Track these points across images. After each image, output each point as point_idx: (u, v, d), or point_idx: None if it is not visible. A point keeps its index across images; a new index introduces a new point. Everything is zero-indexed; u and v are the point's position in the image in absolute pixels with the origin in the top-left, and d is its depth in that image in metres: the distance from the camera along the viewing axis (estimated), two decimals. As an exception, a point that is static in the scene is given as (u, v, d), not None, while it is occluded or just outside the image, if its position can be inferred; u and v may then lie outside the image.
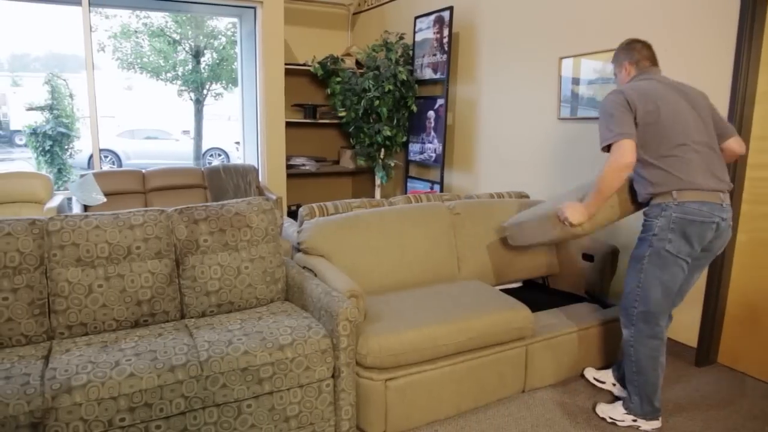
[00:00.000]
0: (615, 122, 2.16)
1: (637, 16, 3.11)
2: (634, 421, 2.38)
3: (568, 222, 2.34)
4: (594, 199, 2.26)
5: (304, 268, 2.68)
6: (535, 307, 2.91)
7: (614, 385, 2.67)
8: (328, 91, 5.42)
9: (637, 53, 2.36)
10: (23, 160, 8.40)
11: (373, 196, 5.62)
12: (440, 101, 4.60)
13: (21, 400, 1.71)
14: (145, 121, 10.41)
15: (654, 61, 2.36)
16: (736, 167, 2.77)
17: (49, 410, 1.74)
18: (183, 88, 9.72)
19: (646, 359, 2.29)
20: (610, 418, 2.44)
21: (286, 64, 5.34)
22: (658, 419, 2.37)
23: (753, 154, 2.77)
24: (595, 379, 2.73)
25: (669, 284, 2.21)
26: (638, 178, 2.28)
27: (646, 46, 2.36)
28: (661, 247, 2.17)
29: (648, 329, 2.28)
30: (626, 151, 2.12)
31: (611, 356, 2.96)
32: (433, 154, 4.73)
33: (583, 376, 2.81)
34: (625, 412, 2.41)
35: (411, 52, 4.96)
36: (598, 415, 2.48)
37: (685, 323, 3.02)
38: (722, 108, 2.75)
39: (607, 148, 2.19)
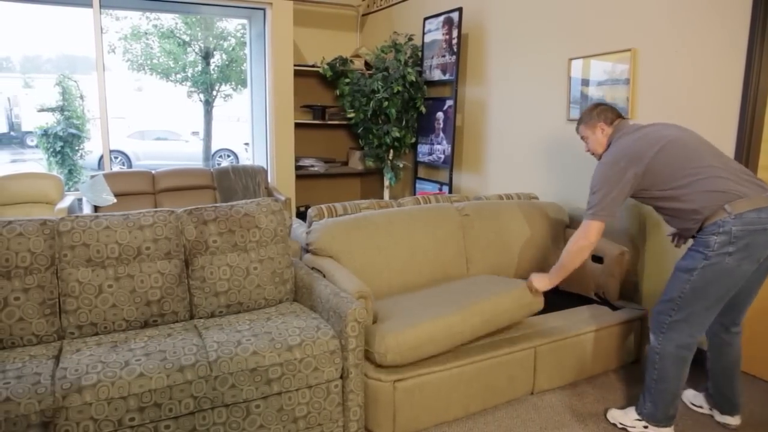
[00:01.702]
0: (597, 196, 2.27)
1: (647, 17, 3.09)
2: (645, 427, 2.34)
3: (534, 289, 2.55)
4: (558, 272, 2.46)
5: (312, 269, 2.68)
6: (543, 309, 2.89)
7: (712, 409, 2.51)
8: (337, 92, 5.42)
9: (608, 113, 2.45)
10: (34, 161, 8.47)
11: (382, 198, 5.62)
12: (449, 102, 4.60)
13: (32, 399, 1.72)
14: (155, 122, 10.46)
15: (621, 116, 2.46)
16: (747, 168, 2.74)
17: (60, 409, 1.75)
18: (193, 89, 9.76)
19: (672, 368, 2.23)
20: (621, 424, 2.41)
21: (295, 65, 5.35)
22: (670, 426, 2.33)
23: (764, 156, 2.75)
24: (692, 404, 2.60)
25: (716, 298, 2.13)
26: (676, 214, 2.21)
27: (610, 107, 2.48)
28: (719, 261, 2.08)
29: (680, 339, 2.20)
30: (591, 233, 2.30)
31: (620, 358, 2.94)
32: (442, 156, 4.72)
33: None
34: (637, 418, 2.37)
35: (420, 54, 4.95)
36: (609, 421, 2.46)
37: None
38: (733, 109, 2.73)
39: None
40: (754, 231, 2.04)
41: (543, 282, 2.52)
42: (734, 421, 2.41)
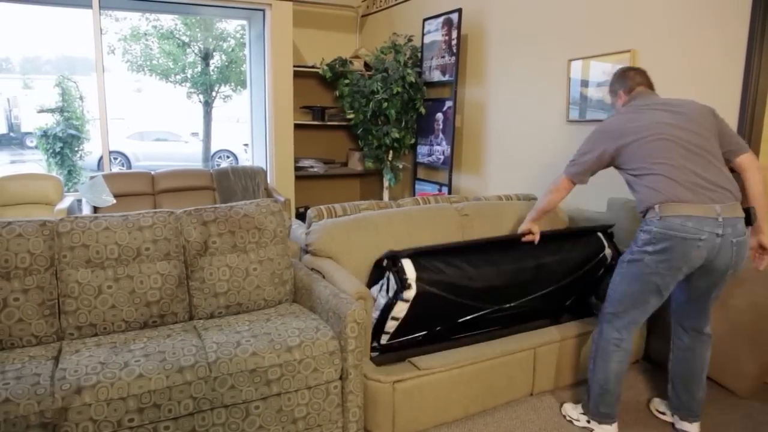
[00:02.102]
0: (576, 154, 2.37)
1: (646, 18, 3.09)
2: (588, 422, 2.37)
3: (525, 230, 2.64)
4: (533, 212, 2.62)
5: (312, 269, 2.68)
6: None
7: (673, 415, 2.43)
8: (337, 93, 5.43)
9: (630, 81, 2.38)
10: (34, 162, 8.47)
11: (381, 198, 5.62)
12: (449, 103, 4.60)
13: (31, 400, 1.72)
14: (155, 123, 10.46)
15: (649, 85, 2.37)
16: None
17: (59, 410, 1.75)
18: (192, 90, 9.76)
19: (600, 361, 2.28)
20: (568, 416, 2.46)
21: (294, 66, 5.36)
22: (609, 425, 2.32)
23: (764, 157, 2.75)
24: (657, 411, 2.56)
25: (638, 296, 2.17)
26: (632, 193, 2.27)
27: (639, 72, 2.38)
28: (641, 258, 2.13)
29: (608, 333, 2.27)
30: (561, 185, 2.44)
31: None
32: (442, 156, 4.72)
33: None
34: (582, 411, 2.42)
35: (419, 54, 4.96)
36: (562, 414, 2.50)
37: None
38: (732, 111, 2.73)
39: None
40: (674, 237, 2.03)
41: (526, 225, 2.65)
42: (693, 428, 2.34)
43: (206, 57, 9.66)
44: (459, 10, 4.40)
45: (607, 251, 2.80)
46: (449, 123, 4.60)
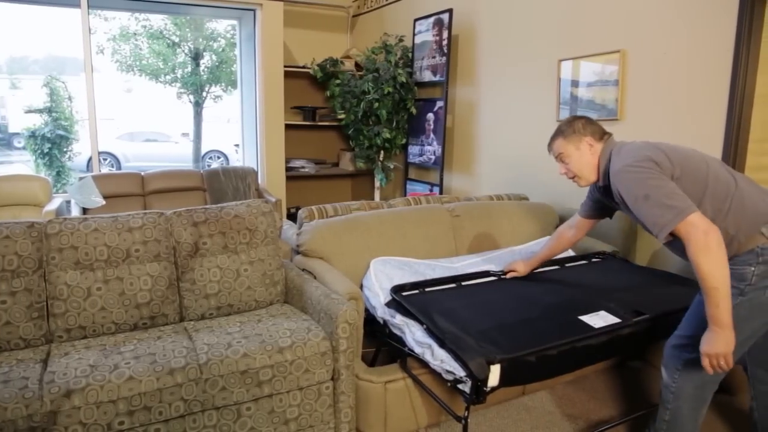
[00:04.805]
0: (660, 200, 1.71)
1: (636, 18, 3.11)
2: None
3: (718, 362, 1.73)
4: (720, 307, 1.66)
5: (303, 270, 2.68)
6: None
7: None
8: (328, 93, 5.42)
9: (596, 126, 2.05)
10: (22, 163, 8.38)
11: (373, 199, 5.62)
12: (439, 103, 4.60)
13: (19, 404, 1.70)
14: (145, 124, 10.39)
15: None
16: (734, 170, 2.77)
17: (48, 414, 1.73)
18: (182, 90, 9.71)
19: (689, 411, 1.92)
20: None
21: (285, 66, 5.34)
22: None
23: (751, 156, 2.77)
24: None
25: (747, 337, 1.80)
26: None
27: (594, 120, 2.09)
28: (758, 296, 1.74)
29: (700, 378, 1.87)
30: (700, 223, 1.65)
31: (614, 358, 2.96)
32: (433, 156, 4.73)
33: None
34: None
35: (410, 55, 4.96)
36: None
37: None
38: (720, 111, 2.75)
39: (671, 235, 1.72)
40: None
41: (719, 341, 1.71)
42: None
43: (196, 57, 9.61)
44: (450, 11, 4.41)
45: None
46: (440, 123, 4.61)
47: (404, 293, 2.37)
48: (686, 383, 1.90)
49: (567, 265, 2.84)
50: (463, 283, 2.54)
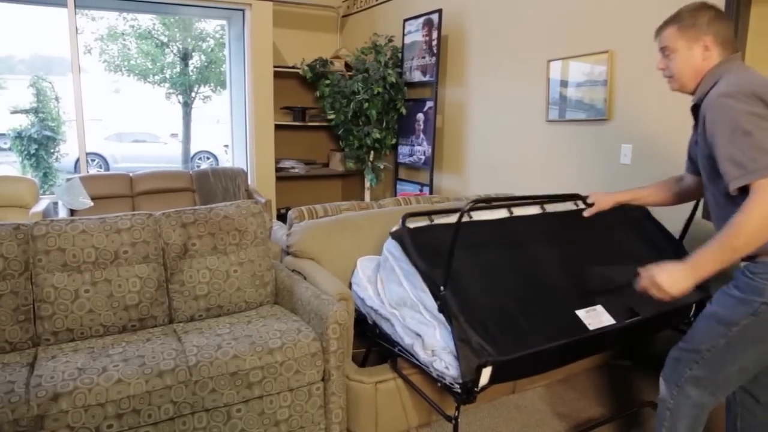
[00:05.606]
0: (762, 143, 1.43)
1: (623, 19, 3.13)
2: None
3: (660, 289, 1.56)
4: (717, 262, 1.49)
5: (293, 271, 2.67)
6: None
7: None
8: (317, 93, 5.41)
9: (721, 25, 1.65)
10: (8, 164, 8.29)
11: (363, 199, 5.62)
12: (429, 103, 4.61)
13: (5, 408, 1.68)
14: (133, 124, 10.32)
15: (736, 49, 1.67)
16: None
17: (35, 418, 1.71)
18: (171, 90, 9.66)
19: (684, 428, 1.78)
20: None
21: (274, 66, 5.33)
22: None
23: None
24: None
25: (756, 360, 1.63)
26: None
27: (732, 22, 1.70)
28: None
29: (699, 397, 1.72)
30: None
31: (599, 357, 2.98)
32: (423, 157, 4.73)
33: None
34: None
35: (400, 55, 4.96)
36: None
37: None
38: (708, 110, 2.77)
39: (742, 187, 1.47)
40: None
41: (680, 280, 1.54)
42: None
43: (185, 57, 9.57)
44: (439, 11, 4.41)
45: None
46: (430, 123, 4.61)
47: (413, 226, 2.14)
48: (685, 400, 1.76)
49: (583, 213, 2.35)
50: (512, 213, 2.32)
